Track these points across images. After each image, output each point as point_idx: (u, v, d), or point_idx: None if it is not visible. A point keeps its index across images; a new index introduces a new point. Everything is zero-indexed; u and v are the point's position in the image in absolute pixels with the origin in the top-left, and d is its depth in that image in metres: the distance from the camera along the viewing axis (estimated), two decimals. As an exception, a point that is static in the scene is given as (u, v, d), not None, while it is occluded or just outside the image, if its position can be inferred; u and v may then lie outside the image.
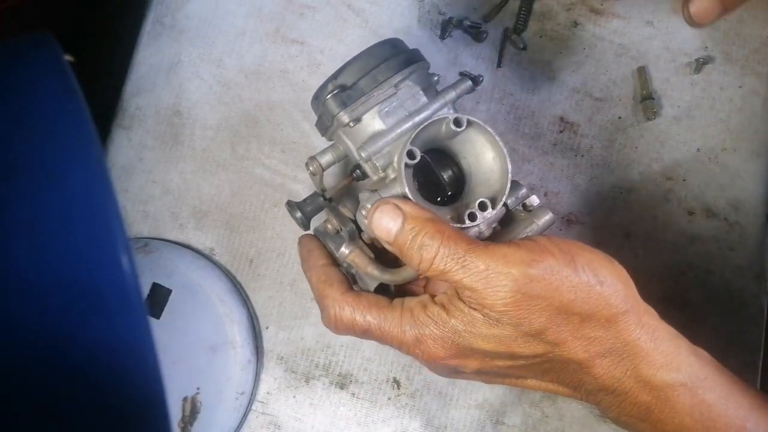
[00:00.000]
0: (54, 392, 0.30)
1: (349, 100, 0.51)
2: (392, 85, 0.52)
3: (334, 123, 0.53)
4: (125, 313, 0.30)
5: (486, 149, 0.52)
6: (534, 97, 0.70)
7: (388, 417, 0.65)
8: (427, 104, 0.52)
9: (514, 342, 0.48)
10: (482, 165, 0.53)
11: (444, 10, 0.72)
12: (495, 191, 0.52)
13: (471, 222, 0.50)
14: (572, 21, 0.72)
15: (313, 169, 0.55)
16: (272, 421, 0.65)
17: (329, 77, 0.53)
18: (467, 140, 0.52)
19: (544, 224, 0.53)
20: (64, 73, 0.31)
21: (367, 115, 0.52)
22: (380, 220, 0.49)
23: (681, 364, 0.49)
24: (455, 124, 0.50)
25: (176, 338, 0.63)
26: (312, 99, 0.55)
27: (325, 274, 0.55)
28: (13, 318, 0.29)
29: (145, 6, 0.72)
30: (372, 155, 0.52)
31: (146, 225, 0.68)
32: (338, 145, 0.55)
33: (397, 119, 0.52)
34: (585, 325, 0.47)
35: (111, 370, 0.30)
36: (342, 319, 0.52)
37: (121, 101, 0.70)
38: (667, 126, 0.70)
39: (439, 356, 0.50)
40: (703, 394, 0.49)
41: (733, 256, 0.68)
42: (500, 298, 0.46)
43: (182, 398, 0.62)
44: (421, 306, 0.51)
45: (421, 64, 0.54)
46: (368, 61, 0.52)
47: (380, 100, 0.52)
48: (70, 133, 0.31)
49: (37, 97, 0.31)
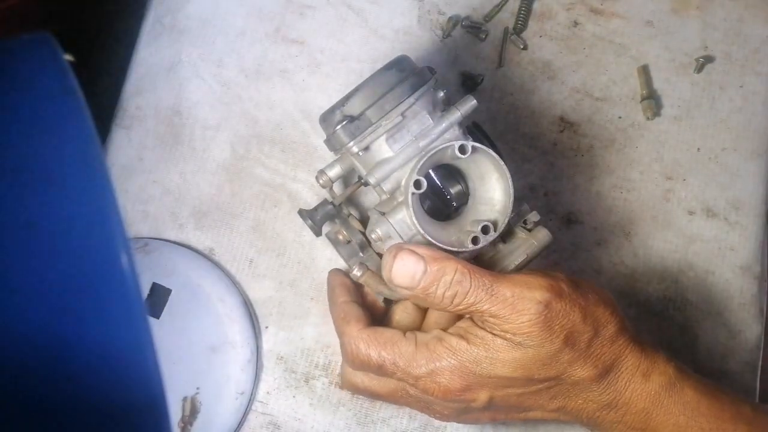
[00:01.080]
0: (53, 392, 0.30)
1: (357, 130, 0.53)
2: (399, 113, 0.53)
3: (343, 149, 0.55)
4: (125, 313, 0.30)
5: (490, 171, 0.54)
6: (534, 97, 0.70)
7: (388, 417, 0.65)
8: (433, 127, 0.54)
9: (533, 365, 0.50)
10: (486, 185, 0.55)
11: (444, 10, 0.72)
12: (497, 212, 0.54)
13: (474, 246, 0.52)
14: (572, 21, 0.72)
15: (323, 182, 0.57)
16: (272, 421, 0.65)
17: (337, 102, 0.55)
18: (472, 161, 0.54)
19: (541, 244, 0.55)
20: (64, 72, 0.31)
21: (375, 144, 0.54)
22: (403, 268, 0.51)
23: (664, 366, 0.53)
24: (460, 151, 0.52)
25: (176, 338, 0.63)
26: (320, 119, 0.56)
27: (344, 312, 0.57)
28: (12, 318, 0.29)
29: (145, 6, 0.72)
30: (380, 181, 0.53)
31: (146, 225, 0.68)
32: (345, 158, 0.57)
33: (404, 144, 0.53)
34: (594, 341, 0.51)
35: (111, 370, 0.30)
36: (358, 356, 0.53)
37: (121, 101, 0.70)
38: (667, 126, 0.70)
39: (456, 388, 0.51)
40: (688, 391, 0.52)
41: (733, 256, 0.68)
42: (525, 320, 0.49)
43: (182, 398, 0.62)
44: (437, 339, 0.52)
45: (427, 85, 0.55)
46: (375, 90, 0.53)
47: (388, 128, 0.53)
48: (70, 133, 0.31)
49: (37, 97, 0.31)
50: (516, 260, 0.54)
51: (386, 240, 0.54)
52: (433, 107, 0.55)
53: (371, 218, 0.56)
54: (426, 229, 0.52)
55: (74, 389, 0.30)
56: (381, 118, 0.53)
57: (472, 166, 0.55)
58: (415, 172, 0.52)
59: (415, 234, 0.53)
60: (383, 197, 0.56)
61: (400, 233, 0.53)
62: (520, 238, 0.55)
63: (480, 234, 0.52)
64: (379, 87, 0.53)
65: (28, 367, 0.29)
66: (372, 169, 0.54)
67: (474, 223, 0.53)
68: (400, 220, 0.53)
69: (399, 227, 0.53)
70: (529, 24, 0.72)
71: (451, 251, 0.53)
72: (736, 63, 0.71)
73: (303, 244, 0.67)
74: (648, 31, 0.72)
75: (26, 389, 0.29)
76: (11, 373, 0.29)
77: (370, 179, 0.53)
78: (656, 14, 0.72)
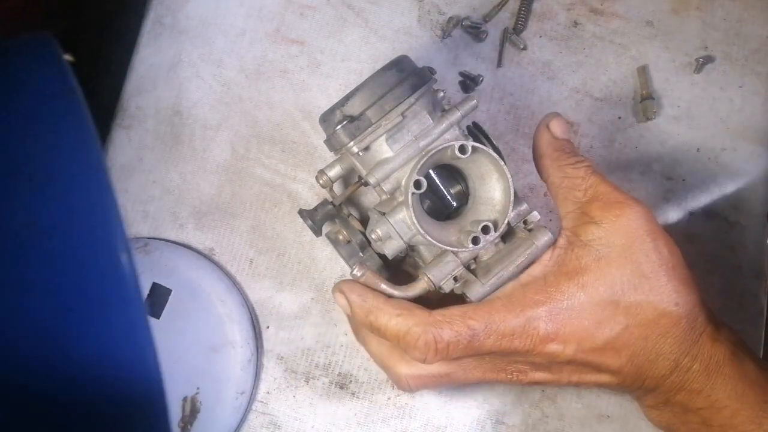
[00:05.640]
0: (53, 392, 0.30)
1: (357, 131, 0.53)
2: (399, 113, 0.53)
3: (343, 149, 0.54)
4: (125, 312, 0.30)
5: (490, 171, 0.54)
6: (534, 97, 0.70)
7: (388, 417, 0.65)
8: (433, 127, 0.54)
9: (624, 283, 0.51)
10: (486, 185, 0.54)
11: (444, 10, 0.72)
12: (497, 212, 0.54)
13: (474, 246, 0.52)
14: (572, 21, 0.72)
15: (323, 182, 0.58)
16: (272, 421, 0.65)
17: (337, 102, 0.54)
18: (472, 161, 0.54)
19: (543, 245, 0.54)
20: (63, 72, 0.31)
21: (375, 144, 0.54)
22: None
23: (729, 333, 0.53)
24: (460, 151, 0.52)
25: (176, 338, 0.63)
26: (320, 119, 0.56)
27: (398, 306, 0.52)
28: (11, 317, 0.29)
29: (145, 6, 0.72)
30: (380, 181, 0.53)
31: (146, 225, 0.68)
32: (345, 158, 0.57)
33: (404, 144, 0.53)
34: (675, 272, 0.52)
35: (111, 370, 0.30)
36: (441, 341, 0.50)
37: (121, 101, 0.70)
38: (667, 126, 0.70)
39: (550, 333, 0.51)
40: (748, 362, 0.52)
41: (733, 256, 0.68)
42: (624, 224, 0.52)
43: (182, 398, 0.62)
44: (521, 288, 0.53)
45: (427, 85, 0.54)
46: (375, 90, 0.53)
47: (388, 128, 0.53)
48: (69, 132, 0.31)
49: (37, 97, 0.31)
50: (516, 260, 0.54)
51: (386, 240, 0.54)
52: (433, 107, 0.55)
53: (371, 218, 0.56)
54: (426, 228, 0.52)
55: (74, 389, 0.30)
56: (381, 118, 0.53)
57: (472, 166, 0.55)
58: (415, 172, 0.52)
59: (414, 234, 0.53)
60: (383, 197, 0.56)
61: (400, 233, 0.53)
62: (520, 238, 0.55)
63: (480, 234, 0.52)
64: (379, 87, 0.53)
65: (28, 367, 0.29)
66: (372, 169, 0.54)
67: (474, 223, 0.53)
68: (399, 220, 0.53)
69: (399, 227, 0.53)
70: (529, 24, 0.72)
71: (451, 251, 0.53)
72: (736, 63, 0.71)
73: (303, 244, 0.67)
74: (648, 31, 0.72)
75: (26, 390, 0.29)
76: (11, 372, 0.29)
77: (370, 179, 0.53)
78: (656, 14, 0.72)
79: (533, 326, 0.50)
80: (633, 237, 0.51)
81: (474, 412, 0.65)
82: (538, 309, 0.50)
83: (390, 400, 0.65)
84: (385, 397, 0.65)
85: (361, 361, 0.66)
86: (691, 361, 0.51)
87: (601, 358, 0.51)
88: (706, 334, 0.51)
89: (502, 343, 0.51)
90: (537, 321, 0.50)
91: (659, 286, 0.50)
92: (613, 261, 0.50)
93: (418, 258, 0.58)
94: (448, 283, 0.54)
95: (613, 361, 0.51)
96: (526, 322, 0.50)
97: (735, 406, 0.50)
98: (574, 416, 0.65)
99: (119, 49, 0.73)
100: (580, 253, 0.51)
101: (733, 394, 0.50)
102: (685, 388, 0.51)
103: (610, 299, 0.50)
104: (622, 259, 0.50)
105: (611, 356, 0.51)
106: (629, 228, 0.51)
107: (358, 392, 0.65)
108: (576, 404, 0.65)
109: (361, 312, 0.53)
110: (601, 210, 0.52)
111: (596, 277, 0.50)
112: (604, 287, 0.50)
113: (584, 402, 0.65)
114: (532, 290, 0.51)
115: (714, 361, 0.51)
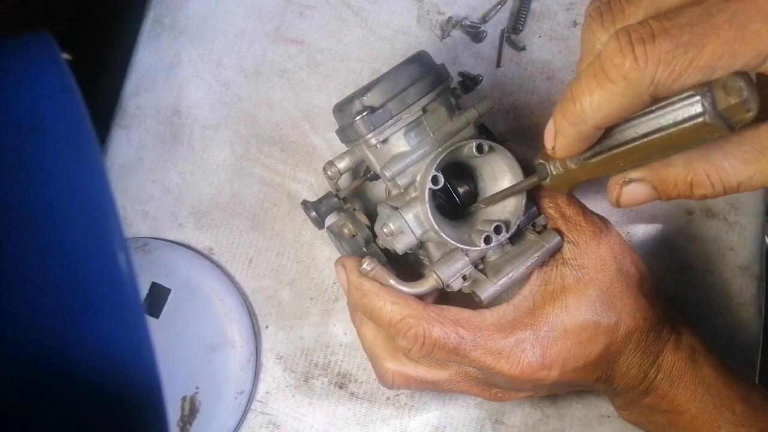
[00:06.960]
0: (51, 392, 0.30)
1: (377, 122, 0.52)
2: (420, 107, 0.53)
3: (360, 141, 0.54)
4: (122, 312, 0.30)
5: (504, 171, 0.54)
6: (533, 97, 0.70)
7: (387, 417, 0.65)
8: (451, 124, 0.53)
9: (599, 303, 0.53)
10: (498, 185, 0.54)
11: (443, 10, 0.72)
12: (509, 212, 0.53)
13: (486, 245, 0.52)
14: (572, 21, 0.72)
15: (331, 174, 0.56)
16: (271, 421, 0.65)
17: (356, 92, 0.54)
18: (486, 161, 0.54)
19: (552, 247, 0.54)
20: (61, 72, 0.31)
21: (393, 137, 0.53)
22: None
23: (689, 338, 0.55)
24: (477, 150, 0.51)
25: (175, 338, 0.63)
26: (334, 109, 0.55)
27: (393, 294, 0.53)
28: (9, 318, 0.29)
29: (144, 6, 0.72)
30: (395, 175, 0.53)
31: (145, 225, 0.68)
32: (356, 150, 0.56)
33: (421, 140, 0.53)
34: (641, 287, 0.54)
35: (108, 370, 0.30)
36: (429, 338, 0.51)
37: (120, 101, 0.70)
38: (667, 126, 0.70)
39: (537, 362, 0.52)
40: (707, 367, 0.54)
41: (733, 256, 0.68)
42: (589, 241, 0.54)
43: (181, 398, 0.62)
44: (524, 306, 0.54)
45: (447, 82, 0.54)
46: (397, 82, 0.53)
47: (408, 122, 0.53)
48: (67, 132, 0.31)
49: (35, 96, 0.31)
50: (527, 262, 0.53)
51: (398, 235, 0.53)
52: (451, 105, 0.55)
53: (382, 213, 0.55)
54: (439, 225, 0.52)
55: (72, 389, 0.30)
56: (402, 111, 0.52)
57: (485, 166, 0.54)
58: (433, 167, 0.51)
59: (427, 230, 0.53)
60: (395, 192, 0.55)
61: (413, 229, 0.53)
62: (529, 240, 0.55)
63: (492, 233, 0.52)
64: (402, 80, 0.53)
65: (25, 367, 0.29)
66: (388, 163, 0.53)
67: (485, 223, 0.53)
68: (413, 215, 0.53)
69: (412, 223, 0.53)
70: (528, 24, 0.72)
71: (463, 249, 0.53)
72: (736, 63, 0.71)
73: (302, 244, 0.67)
74: (647, 30, 0.72)
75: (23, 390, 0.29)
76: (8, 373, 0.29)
77: (386, 172, 0.53)
78: (656, 14, 0.72)
79: (521, 348, 0.51)
80: (604, 260, 0.53)
81: (473, 412, 0.65)
82: (526, 332, 0.52)
83: (389, 400, 0.65)
84: (384, 397, 0.65)
85: (360, 361, 0.66)
86: (657, 371, 0.53)
87: (581, 375, 0.53)
88: (669, 343, 0.54)
89: (487, 359, 0.51)
90: (524, 343, 0.51)
91: (630, 303, 0.53)
92: (589, 282, 0.52)
93: (424, 256, 0.58)
94: (457, 282, 0.54)
95: (590, 376, 0.53)
96: (515, 344, 0.51)
97: (695, 410, 0.53)
98: (574, 416, 0.65)
99: (119, 48, 0.73)
100: (564, 271, 0.53)
101: (692, 398, 0.53)
102: (650, 393, 0.54)
103: (591, 320, 0.52)
104: (596, 282, 0.52)
105: (589, 373, 0.53)
106: (599, 252, 0.53)
107: (357, 392, 0.65)
108: (576, 404, 0.65)
109: (358, 293, 0.53)
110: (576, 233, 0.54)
111: (577, 298, 0.52)
112: (585, 308, 0.52)
113: (584, 402, 0.65)
114: (522, 312, 0.52)
115: (676, 369, 0.53)
